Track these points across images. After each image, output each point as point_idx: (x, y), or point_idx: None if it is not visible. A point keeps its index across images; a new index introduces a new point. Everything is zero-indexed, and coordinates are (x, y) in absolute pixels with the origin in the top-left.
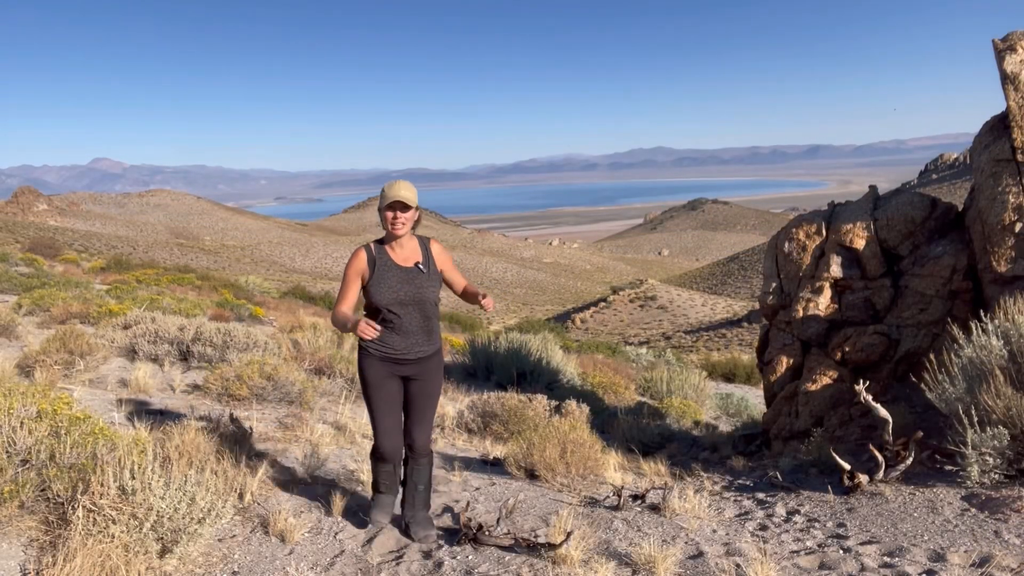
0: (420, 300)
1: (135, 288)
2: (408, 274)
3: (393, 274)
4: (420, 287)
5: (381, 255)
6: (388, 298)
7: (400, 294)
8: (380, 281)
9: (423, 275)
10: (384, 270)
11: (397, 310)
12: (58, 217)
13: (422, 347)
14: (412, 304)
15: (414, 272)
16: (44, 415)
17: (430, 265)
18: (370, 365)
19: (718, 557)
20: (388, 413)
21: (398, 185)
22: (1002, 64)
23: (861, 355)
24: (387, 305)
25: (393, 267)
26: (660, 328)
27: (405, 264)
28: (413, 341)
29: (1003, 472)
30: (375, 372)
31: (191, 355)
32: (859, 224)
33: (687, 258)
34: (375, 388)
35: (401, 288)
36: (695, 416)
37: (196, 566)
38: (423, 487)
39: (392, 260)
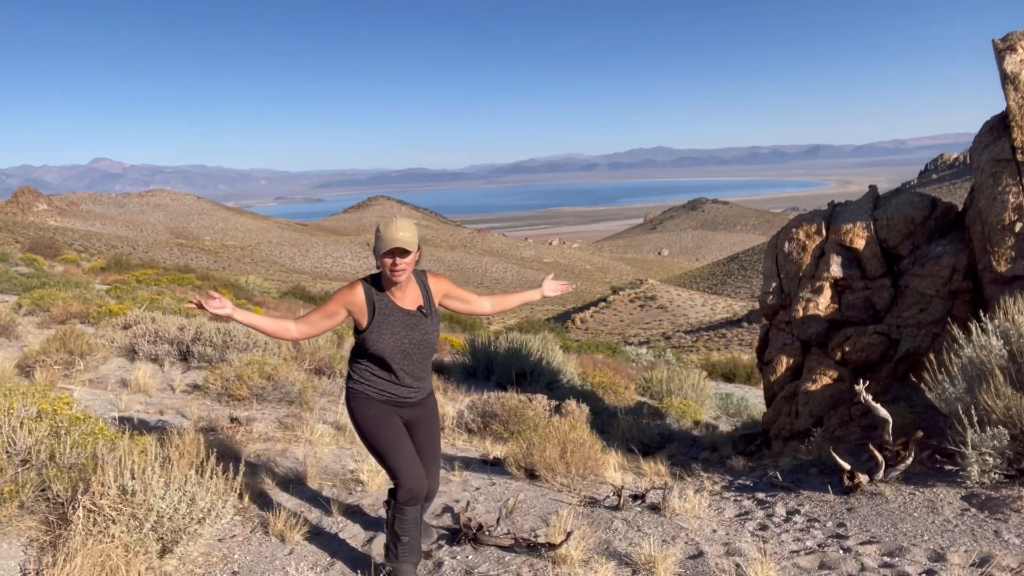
0: (423, 347)
1: (135, 288)
2: (412, 319)
3: (396, 318)
4: (425, 332)
5: (381, 300)
6: (392, 347)
7: (405, 342)
8: (382, 328)
9: (426, 320)
10: (386, 315)
11: (399, 360)
12: (58, 217)
13: (419, 393)
14: (416, 352)
15: (417, 317)
16: (44, 415)
17: (432, 306)
18: (369, 405)
19: (718, 557)
20: (404, 444)
21: (396, 226)
22: (1002, 64)
23: (861, 355)
24: (390, 355)
25: (396, 311)
26: (660, 328)
27: (408, 307)
28: (414, 388)
29: (1003, 472)
30: (377, 410)
31: (191, 355)
32: (859, 224)
33: (687, 258)
34: (381, 425)
35: (405, 335)
36: (695, 416)
37: (196, 566)
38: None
39: (394, 303)
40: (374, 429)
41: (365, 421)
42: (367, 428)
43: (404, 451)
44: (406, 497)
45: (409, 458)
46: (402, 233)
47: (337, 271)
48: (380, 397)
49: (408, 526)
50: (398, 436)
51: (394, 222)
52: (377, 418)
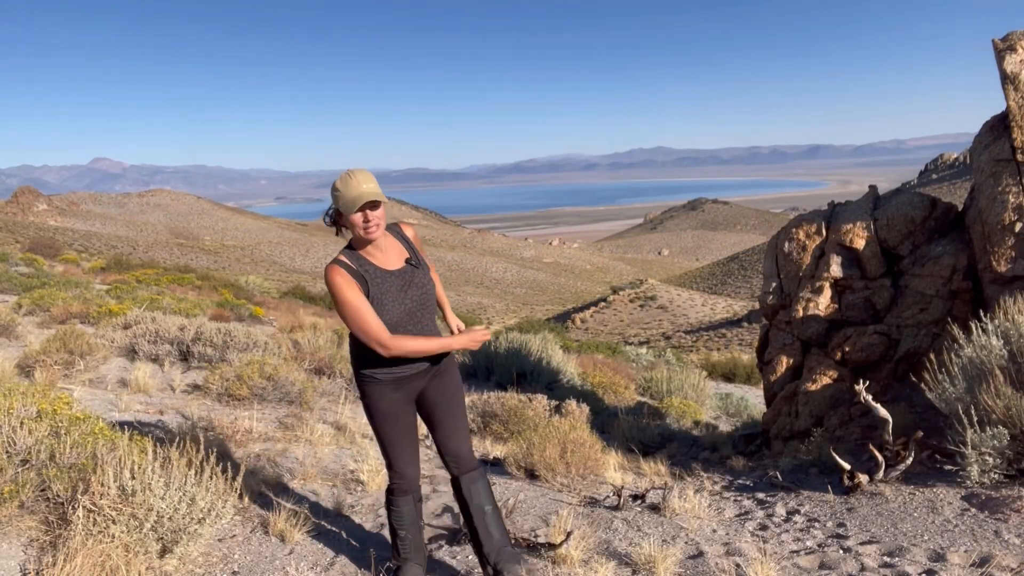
0: (427, 302)
1: (135, 288)
2: (404, 277)
3: (389, 284)
4: (422, 286)
5: (365, 267)
6: (396, 313)
7: (407, 304)
8: (381, 297)
9: (419, 271)
10: (379, 282)
11: (407, 325)
12: (58, 217)
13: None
14: (420, 310)
15: (408, 272)
16: (44, 415)
17: (418, 255)
18: (382, 395)
19: (718, 557)
20: (407, 443)
21: (358, 179)
22: (1002, 64)
23: (861, 355)
24: (396, 322)
25: (386, 276)
26: (660, 328)
27: (395, 267)
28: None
29: (1003, 472)
30: (389, 402)
31: (191, 355)
32: (859, 224)
33: (687, 258)
34: (390, 421)
35: (406, 296)
36: (695, 416)
37: (196, 566)
38: (491, 507)
39: (380, 267)
40: (382, 424)
41: (376, 415)
42: (376, 420)
43: (407, 449)
44: (396, 487)
45: (409, 457)
46: (367, 185)
47: None
48: (391, 376)
49: (403, 520)
50: (404, 437)
51: (353, 175)
52: (387, 414)
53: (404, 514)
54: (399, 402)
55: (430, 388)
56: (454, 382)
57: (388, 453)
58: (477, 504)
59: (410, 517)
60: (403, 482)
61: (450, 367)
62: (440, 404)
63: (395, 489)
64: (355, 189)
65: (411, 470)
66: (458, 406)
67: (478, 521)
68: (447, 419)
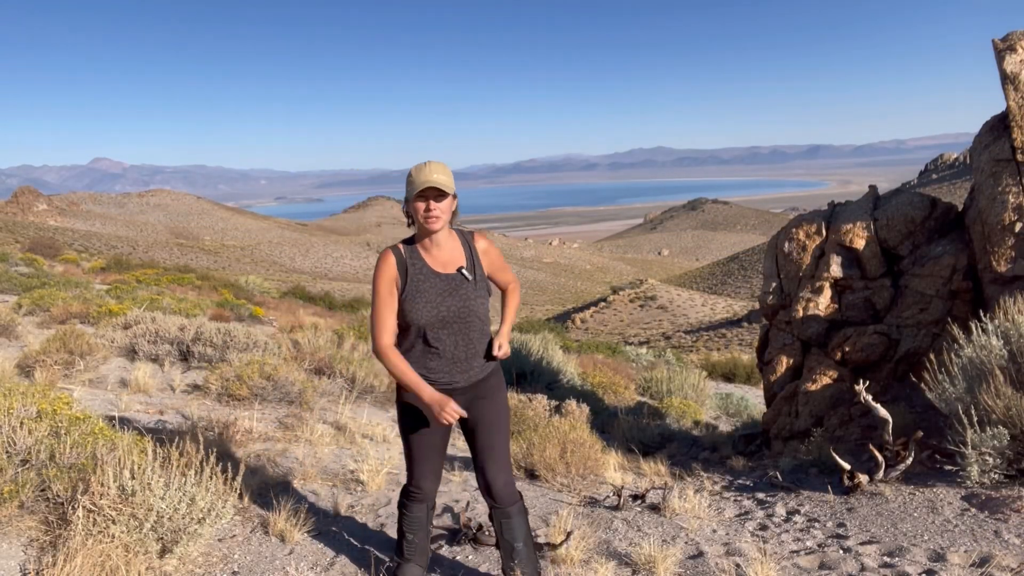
0: (466, 316)
1: (135, 288)
2: (450, 283)
3: (431, 284)
4: (466, 299)
5: (414, 259)
6: (427, 316)
7: (441, 310)
8: (416, 294)
9: (468, 284)
10: (419, 279)
11: (438, 331)
12: (58, 217)
13: (469, 375)
14: (457, 322)
15: (457, 280)
16: (44, 415)
17: (476, 269)
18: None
19: (718, 557)
20: (429, 458)
21: (430, 167)
22: (1002, 64)
23: (861, 355)
24: (425, 325)
25: (430, 276)
26: (660, 328)
27: (445, 270)
28: (461, 367)
29: (1003, 472)
30: (415, 418)
31: (191, 355)
32: (859, 224)
33: (687, 258)
34: (416, 431)
35: (442, 302)
36: (695, 416)
37: (196, 566)
38: (521, 544)
39: (428, 266)
40: (407, 435)
41: (403, 424)
42: (403, 429)
43: (427, 465)
44: (412, 494)
45: (426, 473)
46: (437, 175)
47: (337, 271)
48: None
49: (413, 524)
50: (426, 453)
51: (427, 164)
52: (413, 428)
53: (415, 519)
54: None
55: (472, 410)
56: (495, 408)
57: (408, 463)
58: (508, 540)
59: (420, 522)
60: (419, 492)
61: (494, 392)
62: (479, 430)
63: (410, 494)
64: (423, 175)
65: (428, 484)
66: (497, 434)
67: (505, 554)
68: (484, 447)
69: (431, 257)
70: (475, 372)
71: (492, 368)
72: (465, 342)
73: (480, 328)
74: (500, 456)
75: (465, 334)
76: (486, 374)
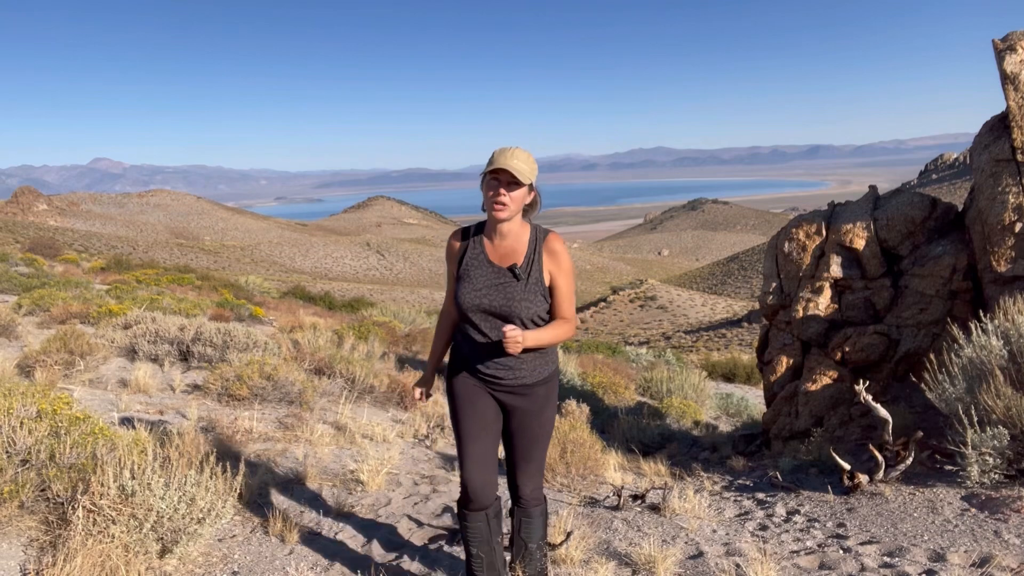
0: (507, 315)
1: (135, 288)
2: (499, 277)
3: (481, 273)
4: (510, 298)
5: (475, 245)
6: (469, 302)
7: (484, 302)
8: (465, 278)
9: (516, 284)
10: (472, 265)
11: (479, 321)
12: (58, 217)
13: (514, 374)
14: (499, 317)
15: (505, 277)
16: (44, 415)
17: (531, 270)
18: (459, 378)
19: (718, 557)
20: (477, 437)
21: (512, 151)
22: (1002, 64)
23: (861, 355)
24: (468, 311)
25: (483, 264)
26: (660, 328)
27: (500, 263)
28: (501, 365)
29: (1003, 472)
30: (463, 384)
31: (191, 355)
32: (859, 224)
33: (687, 258)
34: (463, 403)
35: (486, 295)
36: (695, 416)
37: (196, 566)
38: (535, 546)
39: (485, 254)
40: (456, 411)
41: (451, 398)
42: (451, 406)
43: (476, 446)
44: (463, 498)
45: (478, 456)
46: (515, 160)
47: (337, 271)
48: (468, 371)
49: (473, 537)
50: (476, 427)
51: (508, 148)
52: (461, 397)
53: (474, 530)
54: (476, 390)
55: (515, 416)
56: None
57: (458, 447)
58: (523, 538)
59: (482, 534)
60: (470, 490)
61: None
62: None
63: (463, 501)
64: (500, 156)
65: (476, 476)
66: (536, 448)
67: (516, 551)
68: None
69: (492, 246)
70: (523, 374)
71: (545, 376)
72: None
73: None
74: (536, 468)
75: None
76: (536, 380)
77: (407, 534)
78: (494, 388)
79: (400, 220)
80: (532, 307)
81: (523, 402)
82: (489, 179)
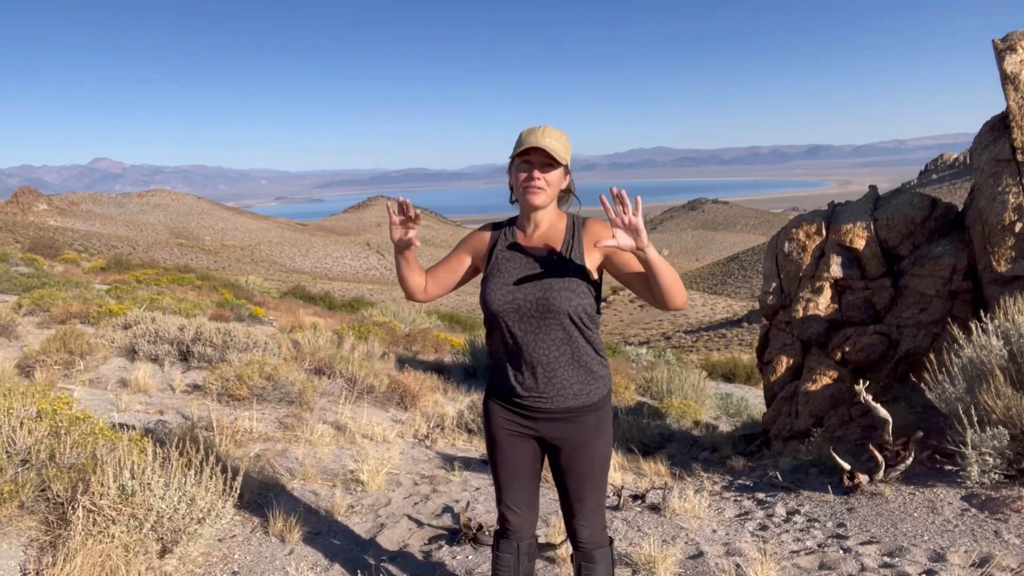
0: (545, 311)
1: (135, 288)
2: (533, 265)
3: (514, 264)
4: (547, 289)
5: (506, 237)
6: (500, 301)
7: (517, 296)
8: (494, 272)
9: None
10: (504, 257)
11: (513, 322)
12: (58, 217)
13: (559, 392)
14: (535, 317)
15: (543, 262)
16: (44, 415)
17: (573, 256)
18: (494, 417)
19: (718, 557)
20: (512, 484)
21: (543, 129)
22: (1002, 64)
23: (861, 355)
24: (499, 313)
25: (516, 254)
26: (660, 328)
27: (536, 252)
28: (546, 381)
29: (1003, 472)
30: (498, 425)
31: (191, 355)
32: (859, 224)
33: (687, 258)
34: (498, 450)
35: (519, 289)
36: (695, 416)
37: (196, 566)
38: None
39: (518, 244)
40: (491, 454)
41: (487, 438)
42: (488, 446)
43: (511, 493)
44: (500, 528)
45: (514, 501)
46: (549, 138)
47: (337, 271)
48: (503, 398)
49: (500, 569)
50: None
51: (539, 126)
52: (496, 442)
53: (502, 562)
54: (513, 431)
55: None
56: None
57: (496, 487)
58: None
59: (508, 568)
60: (506, 524)
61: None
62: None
63: (500, 530)
64: (533, 136)
65: (513, 517)
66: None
67: None
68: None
69: (525, 238)
70: (569, 397)
71: (595, 400)
72: (544, 346)
73: (567, 333)
74: (592, 508)
75: (545, 335)
76: (583, 404)
77: (407, 534)
78: (534, 417)
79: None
80: (575, 298)
81: (569, 432)
82: (519, 162)
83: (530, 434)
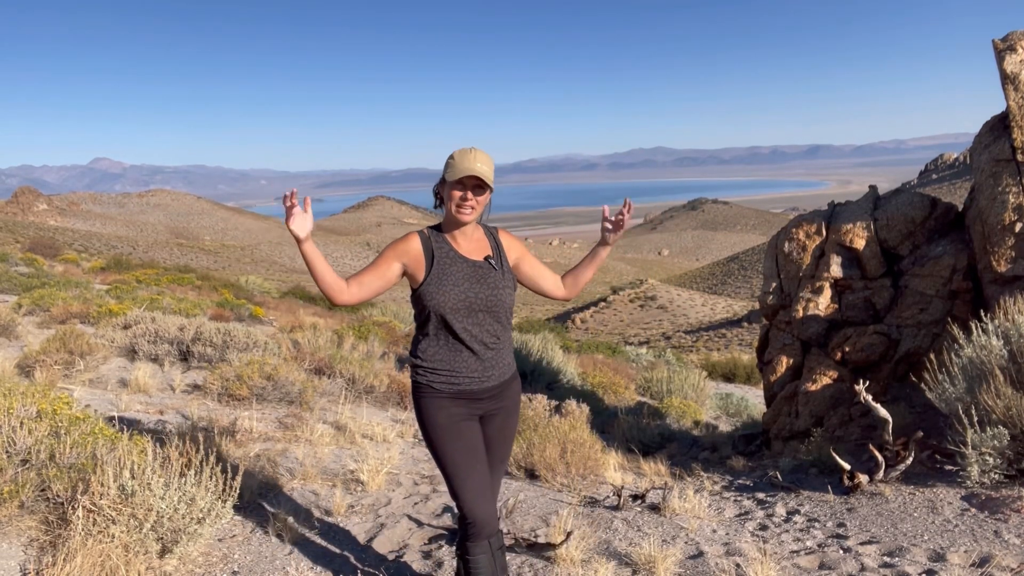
0: (494, 305)
1: (135, 288)
2: (478, 270)
3: (459, 268)
4: (495, 287)
5: (441, 244)
6: (454, 301)
7: (469, 296)
8: (442, 278)
9: (495, 272)
10: (447, 263)
11: (465, 320)
12: (58, 217)
13: (500, 369)
14: (484, 311)
15: (484, 268)
16: (44, 415)
17: (503, 262)
18: (439, 408)
19: (718, 557)
20: (474, 468)
21: (475, 155)
22: (1002, 64)
23: (861, 355)
24: (451, 312)
25: (457, 259)
26: (660, 328)
27: (474, 258)
28: (490, 363)
29: (1003, 472)
30: (447, 416)
31: (191, 355)
32: (859, 224)
33: (687, 258)
34: (450, 436)
35: (470, 288)
36: (695, 416)
37: (196, 566)
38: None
39: (456, 252)
40: (443, 444)
41: (433, 431)
42: (435, 440)
43: (474, 478)
44: (473, 533)
45: (478, 488)
46: (480, 165)
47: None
48: (449, 389)
49: (479, 570)
50: (470, 458)
51: (473, 151)
52: (447, 429)
53: (480, 564)
54: (460, 416)
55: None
56: (509, 427)
57: (453, 483)
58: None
59: (487, 568)
60: (473, 526)
61: (516, 403)
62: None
63: (467, 535)
64: (467, 162)
65: (481, 508)
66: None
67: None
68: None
69: (458, 244)
70: (503, 370)
71: (514, 369)
72: (491, 334)
73: (506, 321)
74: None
75: (491, 324)
76: (511, 374)
77: (407, 534)
78: (479, 398)
79: (400, 220)
80: (510, 296)
81: (506, 399)
82: (454, 183)
83: (476, 414)
